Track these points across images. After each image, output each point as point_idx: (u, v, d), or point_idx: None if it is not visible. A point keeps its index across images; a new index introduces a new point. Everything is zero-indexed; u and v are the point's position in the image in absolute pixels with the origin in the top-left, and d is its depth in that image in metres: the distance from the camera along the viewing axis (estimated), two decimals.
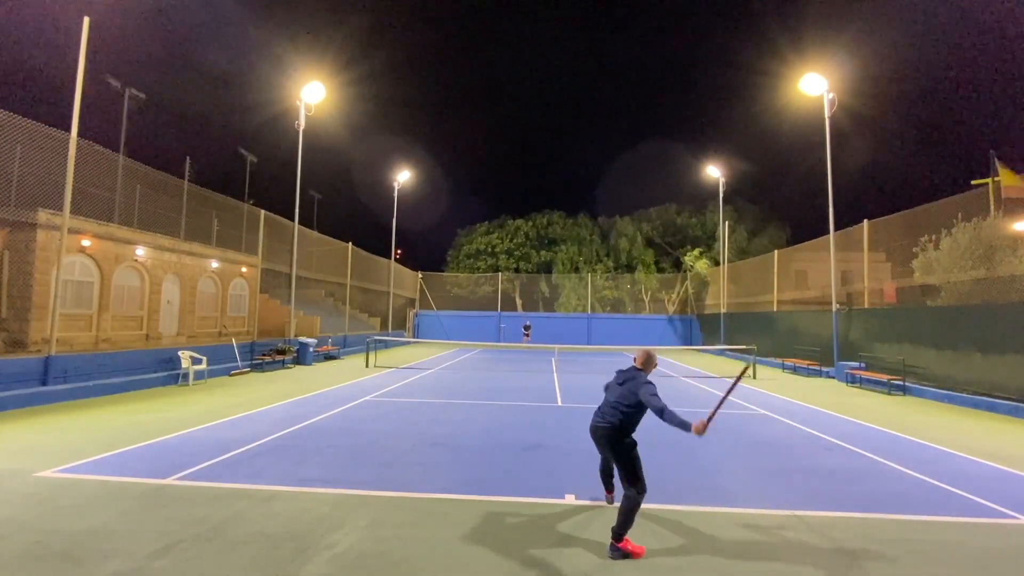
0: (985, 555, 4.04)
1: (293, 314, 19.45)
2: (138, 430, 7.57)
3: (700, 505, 4.98)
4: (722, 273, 28.58)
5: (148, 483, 5.28)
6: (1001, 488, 5.69)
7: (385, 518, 4.52)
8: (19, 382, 9.45)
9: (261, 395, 11.17)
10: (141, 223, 15.48)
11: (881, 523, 4.63)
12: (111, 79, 24.09)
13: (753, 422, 9.33)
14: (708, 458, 6.78)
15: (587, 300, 35.75)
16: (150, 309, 15.57)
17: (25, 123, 10.75)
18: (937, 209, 14.69)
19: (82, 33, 10.89)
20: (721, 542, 4.16)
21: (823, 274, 19.75)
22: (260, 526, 4.27)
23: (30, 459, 5.98)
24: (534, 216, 44.08)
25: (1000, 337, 11.05)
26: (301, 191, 19.41)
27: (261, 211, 19.42)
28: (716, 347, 24.86)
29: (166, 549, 3.81)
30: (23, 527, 4.15)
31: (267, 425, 8.13)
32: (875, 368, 14.75)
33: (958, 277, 13.62)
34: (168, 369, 12.68)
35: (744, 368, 5.04)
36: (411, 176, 30.71)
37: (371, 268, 30.21)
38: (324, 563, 3.66)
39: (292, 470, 5.84)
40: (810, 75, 17.72)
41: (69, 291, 12.89)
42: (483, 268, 40.91)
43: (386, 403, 10.70)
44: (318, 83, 19.14)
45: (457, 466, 6.22)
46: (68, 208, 10.79)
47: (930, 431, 8.71)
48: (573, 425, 8.48)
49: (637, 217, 42.28)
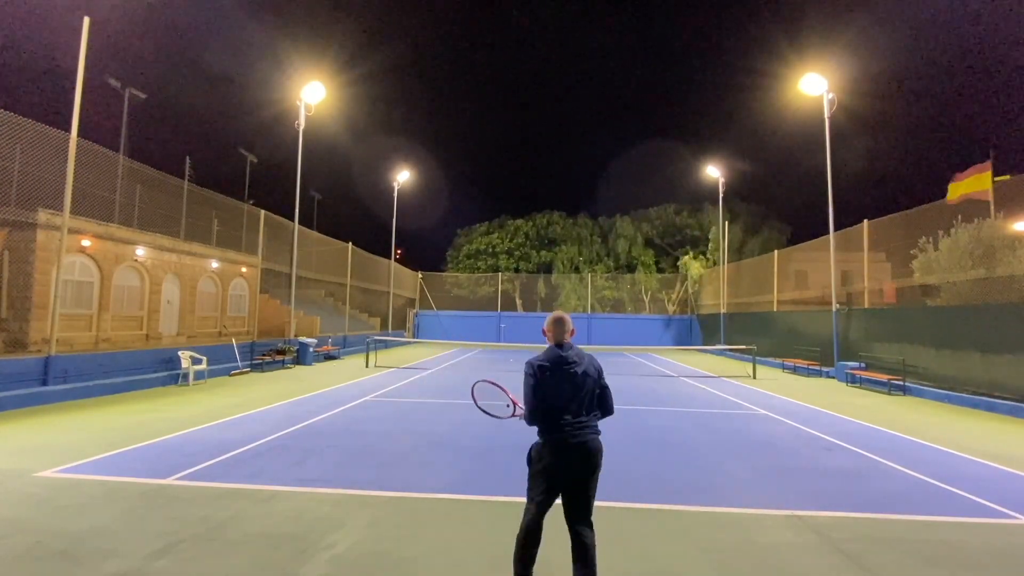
0: (985, 555, 4.04)
1: (293, 314, 19.44)
2: (138, 430, 7.57)
3: (700, 505, 4.97)
4: (722, 273, 28.57)
5: (148, 483, 5.27)
6: (1001, 488, 5.69)
7: (385, 518, 4.52)
8: (19, 382, 9.45)
9: (261, 395, 11.17)
10: (141, 223, 15.47)
11: (881, 523, 4.62)
12: (111, 79, 24.10)
13: (753, 422, 9.33)
14: (708, 458, 6.78)
15: (587, 300, 35.75)
16: (150, 309, 15.57)
17: (25, 123, 10.75)
18: (937, 209, 14.70)
19: (82, 33, 10.89)
20: (721, 542, 4.16)
21: (823, 274, 19.75)
22: (260, 526, 4.27)
23: (30, 459, 5.97)
24: (534, 216, 44.12)
25: (1000, 337, 11.05)
26: (301, 191, 19.42)
27: (261, 211, 19.42)
28: (716, 347, 24.86)
29: (166, 549, 3.81)
30: (23, 527, 4.15)
31: (267, 425, 8.13)
32: (875, 368, 14.75)
33: (957, 277, 13.63)
34: (168, 369, 12.67)
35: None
36: (411, 176, 30.72)
37: (371, 268, 30.21)
38: (324, 563, 3.65)
39: (292, 470, 5.84)
40: (810, 75, 17.74)
41: (69, 291, 12.89)
42: (483, 268, 40.92)
43: (386, 403, 10.70)
44: (318, 83, 19.15)
45: (457, 466, 6.22)
46: (68, 208, 10.78)
47: (930, 431, 8.71)
48: None
49: (637, 217, 42.33)
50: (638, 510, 4.82)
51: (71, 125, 10.79)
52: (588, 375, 3.14)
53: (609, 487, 5.48)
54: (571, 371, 3.10)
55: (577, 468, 3.05)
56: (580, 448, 3.03)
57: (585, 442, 3.05)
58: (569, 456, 3.03)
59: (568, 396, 3.08)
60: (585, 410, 3.11)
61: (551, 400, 3.07)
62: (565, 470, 3.05)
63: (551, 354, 3.16)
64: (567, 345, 3.21)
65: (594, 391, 3.18)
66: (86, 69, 11.01)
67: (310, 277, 24.11)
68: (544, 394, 3.08)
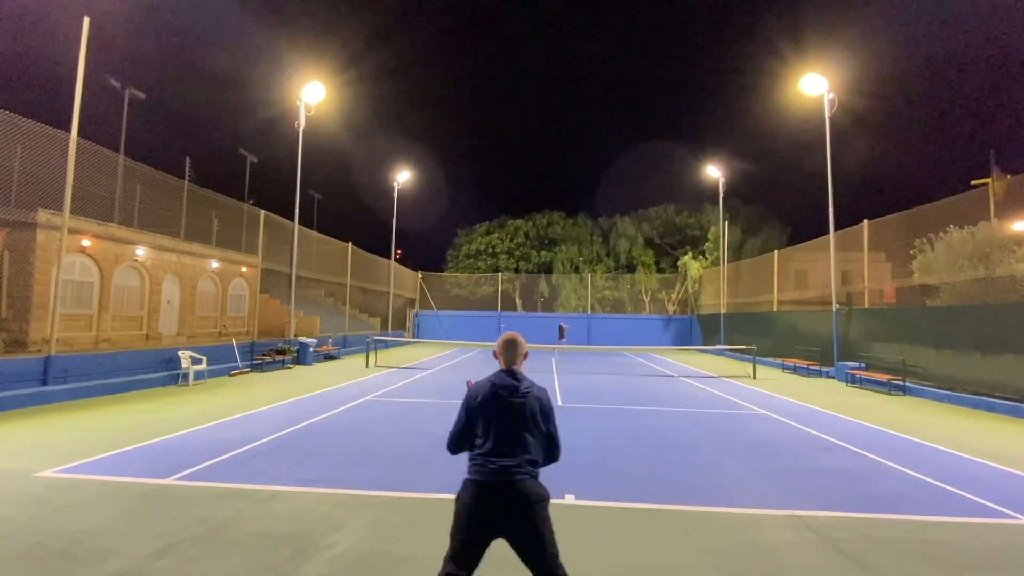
0: (985, 555, 4.04)
1: (293, 314, 19.44)
2: (138, 430, 7.57)
3: (700, 505, 4.97)
4: (722, 273, 28.57)
5: (148, 483, 5.27)
6: (1001, 488, 5.69)
7: (385, 518, 4.52)
8: (19, 382, 9.45)
9: (261, 395, 11.17)
10: (141, 223, 15.48)
11: (881, 523, 4.62)
12: (111, 79, 24.10)
13: (753, 422, 9.33)
14: (708, 458, 6.78)
15: (587, 300, 35.75)
16: (150, 309, 15.57)
17: (25, 123, 10.75)
18: (936, 210, 14.70)
19: (82, 33, 10.89)
20: (721, 542, 4.16)
21: (823, 274, 19.75)
22: (260, 526, 4.26)
23: (30, 459, 5.97)
24: (534, 216, 44.12)
25: (999, 337, 11.05)
26: (301, 191, 19.41)
27: (261, 211, 19.43)
28: (716, 347, 24.86)
29: (166, 549, 3.81)
30: (23, 527, 4.15)
31: (267, 425, 8.13)
32: (875, 368, 14.75)
33: (955, 277, 13.64)
34: (168, 369, 12.67)
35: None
36: (411, 176, 30.71)
37: (371, 268, 30.22)
38: (324, 563, 3.65)
39: (292, 470, 5.84)
40: (810, 75, 17.74)
41: (69, 291, 12.89)
42: (483, 268, 40.93)
43: (386, 403, 10.70)
44: (318, 83, 19.14)
45: (457, 466, 6.19)
46: (68, 208, 10.78)
47: (930, 431, 8.71)
48: (573, 425, 8.49)
49: (637, 217, 42.34)
50: (638, 510, 4.82)
51: (71, 125, 10.79)
52: (534, 412, 2.67)
53: (609, 487, 5.50)
54: (515, 402, 2.64)
55: (508, 517, 2.50)
56: (507, 488, 2.51)
57: (513, 482, 2.51)
58: (496, 501, 2.50)
59: (504, 430, 2.61)
60: (521, 449, 2.60)
61: (484, 430, 2.64)
62: (491, 518, 2.50)
63: (497, 378, 2.73)
64: (519, 372, 2.78)
65: (536, 430, 2.68)
66: (86, 69, 11.02)
67: (310, 277, 24.12)
68: (473, 422, 2.69)
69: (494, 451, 2.59)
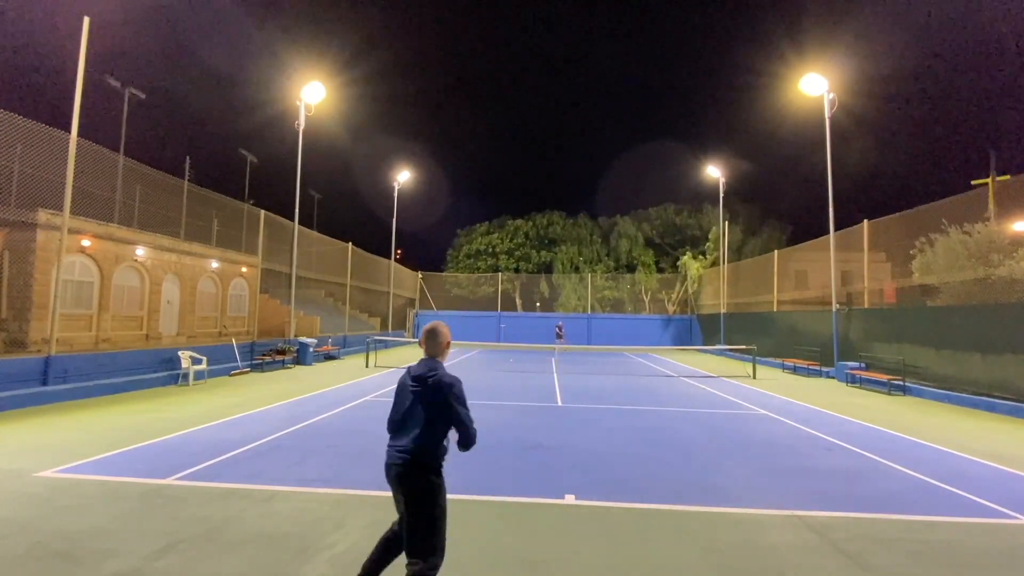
0: (984, 555, 4.04)
1: (293, 314, 19.44)
2: (138, 430, 7.57)
3: (700, 505, 4.97)
4: (722, 273, 28.57)
5: (148, 483, 5.28)
6: (1001, 488, 5.69)
7: (385, 518, 4.49)
8: (19, 382, 9.45)
9: (261, 395, 11.17)
10: (141, 223, 15.49)
11: (881, 523, 4.63)
12: (111, 79, 24.11)
13: (753, 422, 9.33)
14: (708, 458, 6.78)
15: (587, 300, 35.76)
16: (150, 309, 15.58)
17: (25, 123, 10.75)
18: (936, 210, 14.69)
19: (82, 33, 10.89)
20: (721, 542, 4.16)
21: (823, 274, 19.75)
22: (260, 526, 4.27)
23: (30, 459, 5.97)
24: (534, 216, 44.13)
25: (1000, 337, 11.05)
26: (301, 191, 19.41)
27: (261, 211, 19.42)
28: (716, 347, 24.86)
29: (166, 549, 3.81)
30: (23, 527, 4.15)
31: (267, 425, 8.13)
32: (875, 368, 14.76)
33: (955, 277, 13.64)
34: (168, 369, 12.67)
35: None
36: (411, 176, 30.71)
37: (371, 268, 30.22)
38: (324, 563, 3.66)
39: (292, 470, 5.84)
40: (810, 75, 17.74)
41: (69, 291, 12.90)
42: (483, 268, 40.94)
43: (386, 403, 10.66)
44: (318, 83, 19.14)
45: (457, 466, 6.19)
46: (68, 208, 10.78)
47: (930, 431, 8.71)
48: (573, 425, 8.48)
49: (637, 217, 42.35)
50: (638, 510, 4.82)
51: (71, 125, 10.80)
52: (427, 400, 2.88)
53: (609, 487, 5.50)
54: (412, 388, 2.94)
55: (397, 492, 2.89)
56: (392, 469, 2.87)
57: (393, 464, 2.86)
58: (390, 478, 2.90)
59: (401, 413, 2.95)
60: (408, 432, 2.86)
61: (393, 412, 3.02)
62: (393, 491, 2.94)
63: (415, 365, 3.07)
64: (433, 361, 3.04)
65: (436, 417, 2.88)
66: (86, 69, 11.02)
67: (310, 277, 24.11)
68: (394, 404, 3.04)
69: (393, 432, 2.98)
